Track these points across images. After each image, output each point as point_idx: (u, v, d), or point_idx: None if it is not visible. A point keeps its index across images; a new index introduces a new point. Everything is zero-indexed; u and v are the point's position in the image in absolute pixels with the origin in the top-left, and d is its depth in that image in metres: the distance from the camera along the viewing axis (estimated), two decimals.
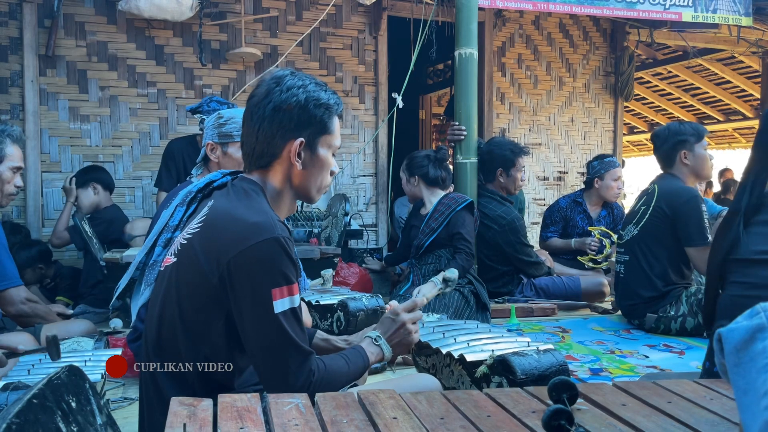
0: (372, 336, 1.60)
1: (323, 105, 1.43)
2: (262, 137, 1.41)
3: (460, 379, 1.95)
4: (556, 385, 1.09)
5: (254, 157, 1.44)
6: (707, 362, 1.89)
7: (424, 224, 3.67)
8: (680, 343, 3.17)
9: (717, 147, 10.88)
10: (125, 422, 1.91)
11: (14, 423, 0.89)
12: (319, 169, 1.46)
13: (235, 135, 2.43)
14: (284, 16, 5.01)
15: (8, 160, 2.49)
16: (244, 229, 1.30)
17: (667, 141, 3.40)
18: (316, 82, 1.46)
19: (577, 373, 2.63)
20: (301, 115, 1.41)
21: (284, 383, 1.31)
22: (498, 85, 5.89)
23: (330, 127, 1.46)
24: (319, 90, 1.44)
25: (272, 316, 1.28)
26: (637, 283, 3.40)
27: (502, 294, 3.96)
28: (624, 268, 3.49)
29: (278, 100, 1.40)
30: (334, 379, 1.40)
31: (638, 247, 3.39)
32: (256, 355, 1.33)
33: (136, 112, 4.64)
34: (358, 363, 1.49)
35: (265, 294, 1.28)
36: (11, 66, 4.32)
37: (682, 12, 4.99)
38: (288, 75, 1.44)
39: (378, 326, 1.65)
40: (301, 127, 1.41)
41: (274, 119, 1.40)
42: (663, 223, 3.29)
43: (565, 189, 6.03)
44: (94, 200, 3.92)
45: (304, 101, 1.41)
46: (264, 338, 1.30)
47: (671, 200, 3.28)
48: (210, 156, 2.48)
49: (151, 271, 1.59)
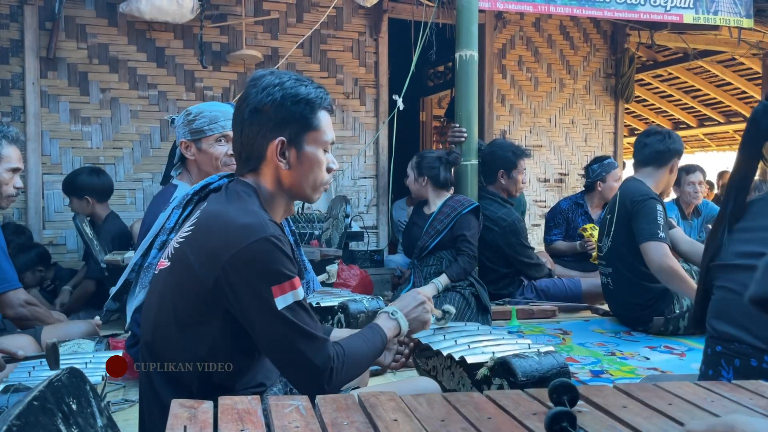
0: (388, 311, 1.60)
1: (302, 101, 1.40)
2: (246, 140, 1.40)
3: (460, 381, 1.95)
4: (556, 387, 1.09)
5: (243, 161, 1.43)
6: (704, 366, 1.89)
7: (428, 225, 3.66)
8: (681, 344, 3.17)
9: (717, 149, 10.87)
10: (126, 424, 1.91)
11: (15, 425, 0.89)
12: (309, 168, 1.43)
13: (206, 129, 2.40)
14: (285, 18, 5.02)
15: (5, 161, 2.45)
16: (235, 231, 1.29)
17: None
18: (297, 78, 1.42)
19: (577, 375, 2.63)
20: (279, 114, 1.38)
21: (306, 375, 1.31)
22: (498, 86, 5.89)
23: (313, 123, 1.42)
24: (298, 86, 1.40)
25: (277, 313, 1.28)
26: (628, 293, 3.38)
27: (502, 296, 3.96)
28: (611, 280, 3.48)
29: (255, 101, 1.39)
30: (357, 359, 1.40)
31: (616, 257, 3.39)
32: (272, 355, 1.34)
33: (136, 114, 4.64)
34: (376, 340, 1.49)
35: (266, 294, 1.28)
36: (12, 68, 4.32)
37: (683, 14, 4.99)
38: (266, 74, 1.42)
39: (396, 302, 1.65)
40: (280, 125, 1.39)
41: (254, 121, 1.39)
42: (628, 226, 3.28)
43: (566, 191, 6.02)
44: (87, 210, 3.87)
45: (281, 99, 1.38)
46: (274, 336, 1.30)
47: (629, 200, 3.28)
48: (186, 154, 2.46)
49: (147, 274, 1.59)
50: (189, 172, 2.50)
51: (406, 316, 1.59)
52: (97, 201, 3.87)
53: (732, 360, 1.73)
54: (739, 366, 1.71)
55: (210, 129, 2.40)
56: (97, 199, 3.88)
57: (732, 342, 1.75)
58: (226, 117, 2.40)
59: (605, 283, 3.56)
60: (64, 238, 4.47)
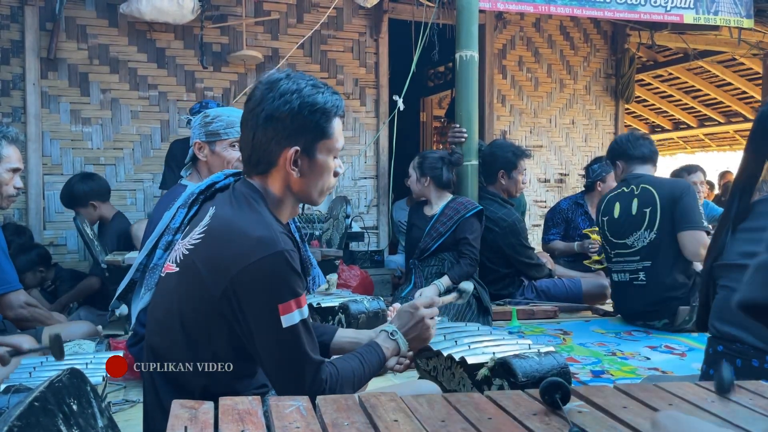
0: (388, 330, 1.57)
1: (319, 110, 1.37)
2: (258, 145, 1.37)
3: (461, 382, 1.95)
4: (546, 389, 1.11)
5: (252, 164, 1.40)
6: (705, 366, 1.89)
7: (431, 227, 3.66)
8: (682, 344, 3.17)
9: (718, 149, 10.86)
10: (126, 425, 1.91)
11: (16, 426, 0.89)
12: (319, 175, 1.42)
13: (222, 133, 2.42)
14: (285, 19, 5.02)
15: (5, 161, 2.45)
16: (247, 243, 1.28)
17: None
18: (313, 83, 1.39)
19: (578, 375, 2.63)
20: (295, 123, 1.35)
21: (296, 393, 1.31)
22: (499, 87, 5.89)
23: (328, 132, 1.40)
24: (316, 93, 1.37)
25: (281, 331, 1.27)
26: (665, 286, 3.37)
27: (503, 296, 3.96)
28: (645, 275, 3.42)
29: (271, 108, 1.34)
30: (350, 382, 1.39)
31: (661, 250, 3.36)
32: (269, 370, 1.33)
33: (137, 115, 4.64)
34: (373, 361, 1.47)
35: (272, 310, 1.27)
36: (13, 69, 4.33)
37: (683, 14, 4.99)
38: (283, 79, 1.37)
39: (395, 319, 1.62)
40: (296, 135, 1.36)
41: (268, 128, 1.35)
42: (671, 218, 3.33)
43: (566, 191, 6.02)
44: (96, 215, 3.89)
45: (298, 108, 1.34)
46: (275, 353, 1.30)
47: (672, 190, 3.35)
48: (198, 155, 2.48)
49: (152, 275, 1.57)
50: (199, 173, 2.51)
51: (405, 335, 1.56)
52: (101, 202, 3.89)
53: (733, 360, 1.73)
54: (741, 366, 1.71)
55: (225, 133, 2.43)
56: (101, 200, 3.89)
57: (733, 342, 1.75)
58: None
59: (628, 280, 3.49)
60: (64, 239, 4.47)
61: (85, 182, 3.85)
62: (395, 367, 1.63)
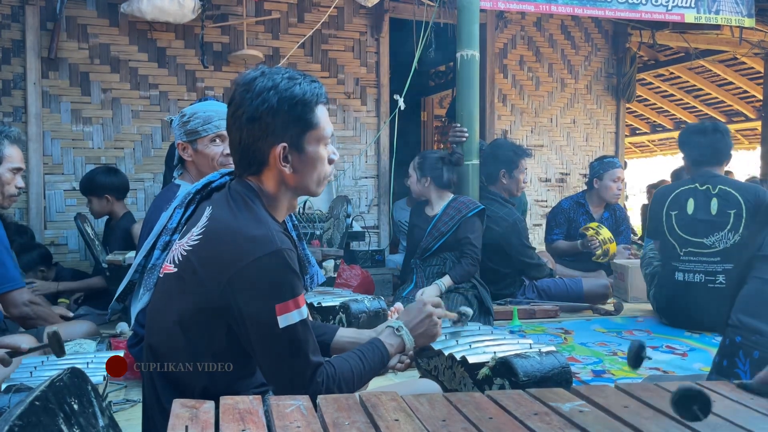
0: (393, 326, 1.55)
1: (299, 102, 1.35)
2: (245, 147, 1.37)
3: (462, 381, 1.95)
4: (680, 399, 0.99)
5: (243, 166, 1.40)
6: (718, 357, 1.88)
7: (432, 227, 3.66)
8: (683, 344, 3.17)
9: None
10: (127, 424, 1.91)
11: (17, 425, 0.89)
12: (312, 167, 1.41)
13: (201, 130, 2.40)
14: (286, 18, 5.02)
15: (7, 161, 2.47)
16: (245, 243, 1.28)
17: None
18: (289, 76, 1.37)
19: (579, 375, 2.63)
20: (277, 120, 1.34)
21: (292, 393, 1.31)
22: (500, 86, 5.89)
23: (312, 122, 1.38)
24: (293, 86, 1.35)
25: (278, 331, 1.27)
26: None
27: (504, 296, 3.96)
28: (725, 278, 3.30)
29: (251, 109, 1.34)
30: (349, 382, 1.37)
31: (744, 254, 3.19)
32: (266, 370, 1.34)
33: (138, 115, 4.64)
34: (375, 359, 1.46)
35: (270, 310, 1.27)
36: (14, 68, 4.33)
37: (684, 13, 4.98)
38: (258, 77, 1.36)
39: (402, 315, 1.61)
40: (280, 131, 1.35)
41: (252, 129, 1.35)
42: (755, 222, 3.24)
43: (567, 190, 6.02)
44: (106, 209, 3.91)
45: (277, 104, 1.34)
46: (271, 353, 1.30)
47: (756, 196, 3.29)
48: (183, 156, 2.47)
49: (150, 275, 1.57)
50: (189, 172, 2.51)
51: (412, 331, 1.54)
52: (116, 199, 3.91)
53: (750, 352, 1.72)
54: (758, 358, 1.70)
55: (204, 129, 2.40)
56: (116, 196, 3.92)
57: (754, 333, 1.74)
58: (219, 116, 2.40)
59: (702, 281, 3.36)
60: (65, 239, 4.47)
61: (108, 175, 3.92)
62: (396, 366, 1.63)
